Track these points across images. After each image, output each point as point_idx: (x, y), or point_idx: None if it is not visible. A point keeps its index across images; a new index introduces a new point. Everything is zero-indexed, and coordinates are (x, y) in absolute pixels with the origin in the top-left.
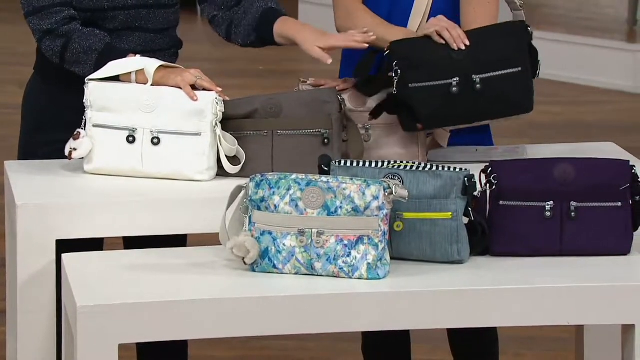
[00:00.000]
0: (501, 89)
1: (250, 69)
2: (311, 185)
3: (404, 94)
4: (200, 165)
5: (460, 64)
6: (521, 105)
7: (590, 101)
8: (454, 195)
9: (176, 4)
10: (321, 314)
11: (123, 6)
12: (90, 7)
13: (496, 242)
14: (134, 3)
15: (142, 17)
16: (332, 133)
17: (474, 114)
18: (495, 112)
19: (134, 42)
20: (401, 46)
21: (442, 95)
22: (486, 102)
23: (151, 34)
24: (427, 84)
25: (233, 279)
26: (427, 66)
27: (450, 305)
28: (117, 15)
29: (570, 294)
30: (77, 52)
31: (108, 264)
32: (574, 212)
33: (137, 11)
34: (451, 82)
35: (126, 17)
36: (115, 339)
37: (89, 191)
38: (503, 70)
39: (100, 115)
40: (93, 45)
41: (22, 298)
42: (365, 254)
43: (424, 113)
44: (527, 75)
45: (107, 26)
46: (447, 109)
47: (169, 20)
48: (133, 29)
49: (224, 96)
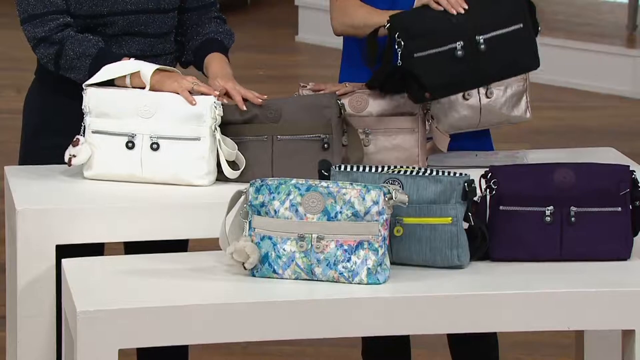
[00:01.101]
0: (505, 47)
1: (249, 74)
2: (311, 190)
3: (409, 65)
4: (200, 170)
5: (461, 28)
6: (527, 62)
7: (590, 106)
8: (454, 200)
9: (175, 8)
10: (321, 319)
11: (122, 11)
12: (90, 13)
13: (496, 247)
14: (133, 8)
15: (141, 22)
16: (332, 138)
17: (481, 76)
18: (502, 72)
19: (134, 47)
20: (400, 18)
21: (448, 61)
22: (492, 62)
23: (151, 38)
24: (432, 51)
25: (233, 284)
26: (429, 34)
27: (450, 310)
28: (117, 20)
29: (570, 299)
30: (70, 58)
31: (108, 269)
32: (574, 217)
33: (136, 16)
34: (455, 46)
35: (125, 22)
36: (115, 344)
37: (89, 196)
38: (505, 28)
39: (99, 121)
40: (86, 51)
41: (22, 303)
42: (365, 259)
43: (432, 81)
44: (529, 32)
45: (106, 32)
46: (454, 74)
47: (168, 24)
48: (133, 34)
49: (222, 99)
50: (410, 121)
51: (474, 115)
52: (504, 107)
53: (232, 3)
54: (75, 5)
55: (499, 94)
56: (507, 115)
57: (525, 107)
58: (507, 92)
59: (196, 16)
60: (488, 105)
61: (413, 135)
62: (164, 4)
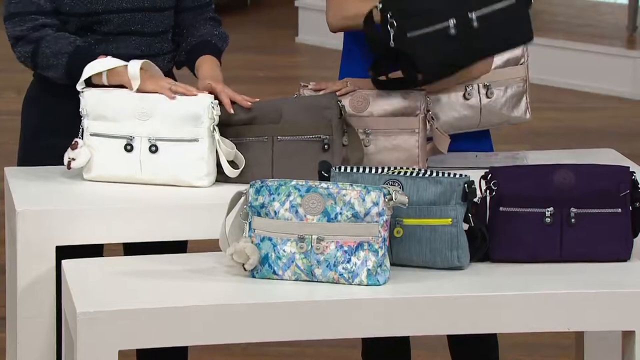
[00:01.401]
0: (498, 23)
1: (249, 75)
2: (311, 192)
3: (402, 45)
4: (199, 171)
5: (454, 4)
6: (520, 35)
7: (590, 107)
8: (454, 201)
9: (171, 7)
10: (321, 320)
11: (117, 9)
12: (84, 12)
13: (496, 248)
14: (129, 6)
15: (137, 20)
16: (332, 139)
17: (475, 52)
18: (497, 47)
19: (132, 47)
20: None
21: (441, 39)
22: (486, 39)
23: (148, 37)
24: (425, 30)
25: (233, 285)
26: (421, 12)
27: (450, 311)
28: (112, 18)
29: (570, 300)
30: (46, 56)
31: (108, 270)
32: (573, 218)
33: (132, 15)
34: (448, 24)
35: (121, 21)
36: (115, 345)
37: (89, 197)
38: (497, 3)
39: (97, 124)
40: (62, 49)
41: (22, 304)
42: (365, 260)
43: (424, 61)
44: (521, 5)
45: (102, 30)
46: (448, 53)
47: (164, 23)
48: (129, 33)
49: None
50: (410, 122)
51: (474, 115)
52: (504, 108)
53: (232, 4)
54: (69, 4)
55: (499, 94)
56: (507, 115)
57: (525, 107)
58: (507, 92)
59: (191, 16)
60: (488, 105)
61: (413, 135)
62: (160, 3)
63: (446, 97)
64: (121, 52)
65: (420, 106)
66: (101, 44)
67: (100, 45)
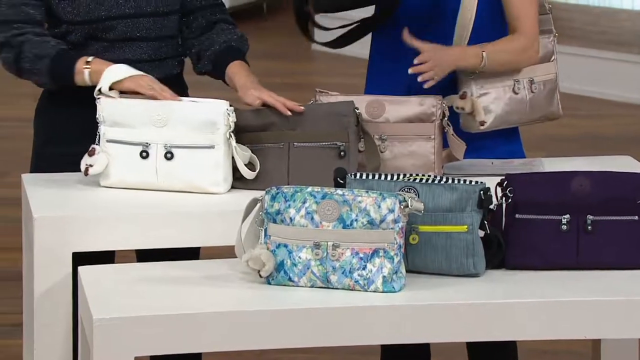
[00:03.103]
0: None
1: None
2: (327, 198)
3: None
4: (215, 177)
5: None
6: None
7: (607, 114)
8: (470, 208)
9: (175, 11)
10: (336, 326)
11: (120, 15)
12: (87, 19)
13: (512, 255)
14: (132, 12)
15: (142, 26)
16: (349, 146)
17: None
18: None
19: (138, 52)
20: None
21: None
22: None
23: (153, 42)
24: None
25: (248, 292)
26: None
27: (465, 318)
28: (116, 25)
29: (587, 307)
30: (28, 60)
31: (125, 277)
32: (590, 225)
33: (136, 20)
34: None
35: (125, 27)
36: (131, 351)
37: (106, 204)
38: None
39: (113, 131)
40: (43, 52)
41: (39, 311)
42: (381, 266)
43: None
44: None
45: (108, 37)
46: None
47: (169, 28)
48: (135, 39)
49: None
50: (426, 128)
51: (522, 110)
52: (544, 102)
53: (249, 11)
54: (72, 12)
55: (540, 89)
56: (547, 110)
57: (557, 103)
58: (546, 87)
59: (201, 17)
60: (533, 100)
61: (429, 142)
62: (163, 7)
63: (498, 92)
64: (129, 58)
65: (437, 112)
66: (108, 51)
67: (108, 52)
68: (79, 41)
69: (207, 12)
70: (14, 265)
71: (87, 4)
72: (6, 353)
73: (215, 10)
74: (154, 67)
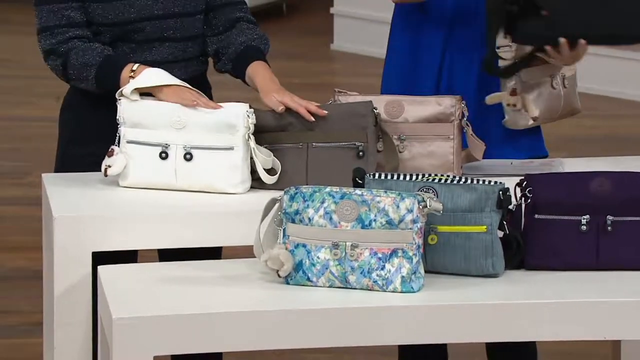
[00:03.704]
0: None
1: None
2: (345, 198)
3: None
4: (234, 179)
5: None
6: None
7: (628, 115)
8: (489, 208)
9: (201, 10)
10: (355, 326)
11: (149, 17)
12: (118, 21)
13: (531, 255)
14: (160, 13)
15: (170, 26)
16: (367, 146)
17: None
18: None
19: (166, 53)
20: None
21: None
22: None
23: (182, 42)
24: None
25: (267, 292)
26: None
27: (484, 319)
28: (145, 26)
29: (606, 308)
30: (76, 68)
31: (143, 276)
32: (610, 226)
33: (164, 21)
34: None
35: (154, 28)
36: (150, 350)
37: (125, 204)
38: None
39: (133, 132)
40: (90, 60)
41: (59, 310)
42: (400, 267)
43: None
44: None
45: (136, 38)
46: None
47: (196, 27)
48: (163, 39)
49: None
50: (445, 128)
51: (559, 105)
52: (573, 97)
53: (268, 11)
54: (102, 14)
55: (571, 84)
56: (575, 104)
57: (578, 98)
58: (572, 82)
59: (221, 15)
60: (566, 95)
61: (448, 142)
62: (190, 7)
63: (540, 88)
64: (156, 59)
65: (455, 112)
66: (136, 52)
67: (136, 54)
68: (108, 43)
69: (228, 10)
70: (34, 265)
71: (117, 6)
72: (27, 351)
73: (236, 8)
74: (181, 67)
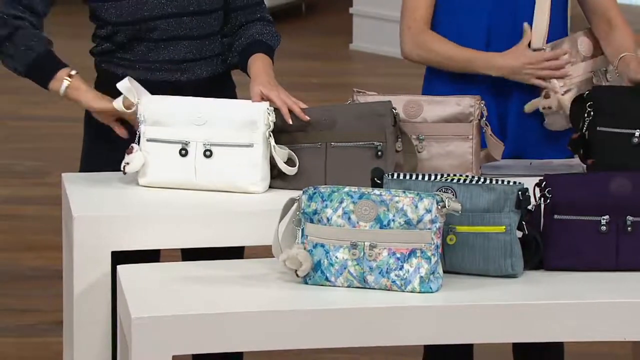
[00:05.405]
0: None
1: (303, 82)
2: (364, 198)
3: (591, 134)
4: (254, 176)
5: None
6: None
7: None
8: (508, 208)
9: (218, 9)
10: (374, 326)
11: (163, 15)
12: (131, 20)
13: (550, 256)
14: (175, 11)
15: (185, 25)
16: (386, 146)
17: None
18: None
19: (183, 51)
20: (602, 91)
21: (623, 145)
22: None
23: (197, 41)
24: (613, 129)
25: (286, 292)
26: (616, 114)
27: (503, 319)
28: (159, 25)
29: (626, 309)
30: (17, 45)
31: (163, 276)
32: (630, 226)
33: (178, 19)
34: (634, 133)
35: (168, 26)
36: (169, 350)
37: (145, 203)
38: None
39: (153, 130)
40: (35, 47)
41: (78, 309)
42: (418, 267)
43: (602, 159)
44: None
45: (152, 37)
46: (627, 158)
47: (212, 25)
48: (179, 37)
49: None
50: (464, 128)
51: None
52: None
53: (287, 11)
54: (115, 14)
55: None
56: None
57: None
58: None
59: (242, 16)
60: None
61: (467, 142)
62: (206, 5)
63: (579, 87)
64: (174, 57)
65: (475, 112)
66: (153, 51)
67: (153, 52)
68: (124, 42)
69: (248, 11)
70: (54, 264)
71: (129, 5)
72: (47, 350)
73: (256, 9)
74: (199, 65)
